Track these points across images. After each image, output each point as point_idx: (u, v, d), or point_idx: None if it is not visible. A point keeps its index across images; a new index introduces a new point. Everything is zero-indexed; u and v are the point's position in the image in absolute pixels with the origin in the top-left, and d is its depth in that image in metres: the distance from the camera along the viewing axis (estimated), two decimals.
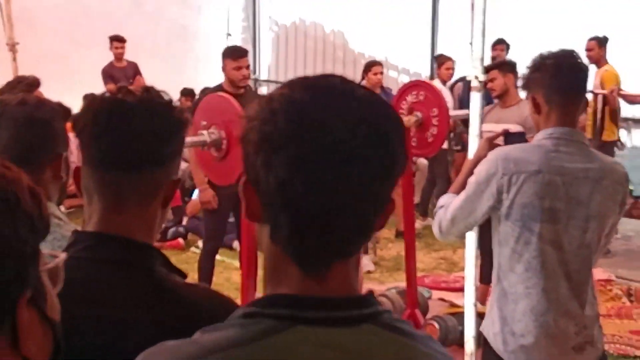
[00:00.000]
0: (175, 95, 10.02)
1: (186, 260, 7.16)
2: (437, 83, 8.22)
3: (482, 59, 3.68)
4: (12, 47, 6.30)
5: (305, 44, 12.29)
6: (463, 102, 7.87)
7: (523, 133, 3.33)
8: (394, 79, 10.14)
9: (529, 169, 2.61)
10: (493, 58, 8.90)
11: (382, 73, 7.68)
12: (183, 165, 8.64)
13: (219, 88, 5.46)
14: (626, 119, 8.43)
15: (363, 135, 1.01)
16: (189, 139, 5.39)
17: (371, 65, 7.73)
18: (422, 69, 10.85)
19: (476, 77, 3.68)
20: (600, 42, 7.84)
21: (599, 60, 7.80)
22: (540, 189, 2.60)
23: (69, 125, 3.76)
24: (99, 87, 9.70)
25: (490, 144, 2.99)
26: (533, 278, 2.65)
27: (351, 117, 1.02)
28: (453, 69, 8.59)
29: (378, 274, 6.86)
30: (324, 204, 1.01)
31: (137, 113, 1.49)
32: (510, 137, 3.04)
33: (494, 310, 2.77)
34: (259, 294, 1.51)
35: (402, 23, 10.87)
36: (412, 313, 4.80)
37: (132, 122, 1.48)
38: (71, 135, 1.71)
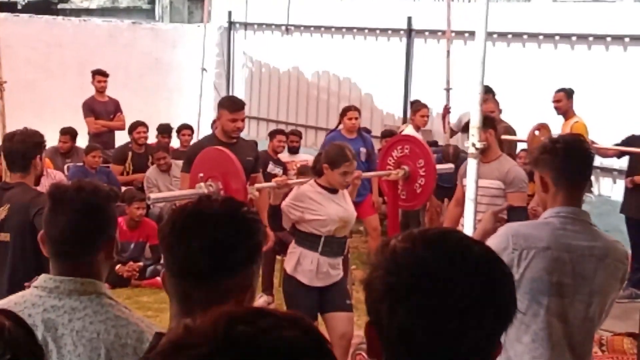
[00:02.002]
0: (149, 129, 10.08)
1: (164, 299, 7.17)
2: (409, 129, 8.40)
3: (479, 128, 3.85)
4: (0, 85, 6.30)
5: (279, 81, 12.43)
6: None
7: (525, 208, 3.50)
8: (367, 120, 10.31)
9: (538, 245, 2.78)
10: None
11: (357, 118, 7.81)
12: (162, 203, 8.69)
13: (212, 137, 5.58)
14: (594, 167, 8.71)
15: (480, 289, 1.15)
16: (188, 192, 5.50)
17: (347, 110, 7.87)
18: (395, 111, 11.05)
19: (473, 145, 3.86)
20: (567, 94, 8.07)
21: (567, 112, 8.01)
22: (549, 265, 2.76)
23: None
24: (69, 116, 9.76)
25: (495, 217, 3.15)
26: (540, 349, 2.80)
27: (469, 273, 1.15)
28: (428, 116, 8.76)
29: (356, 317, 6.91)
30: (444, 350, 1.14)
31: (206, 225, 1.58)
32: (513, 211, 3.20)
33: None
34: None
35: (376, 64, 11.07)
36: None
37: (200, 234, 1.57)
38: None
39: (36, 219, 3.47)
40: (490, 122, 5.95)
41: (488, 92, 8.81)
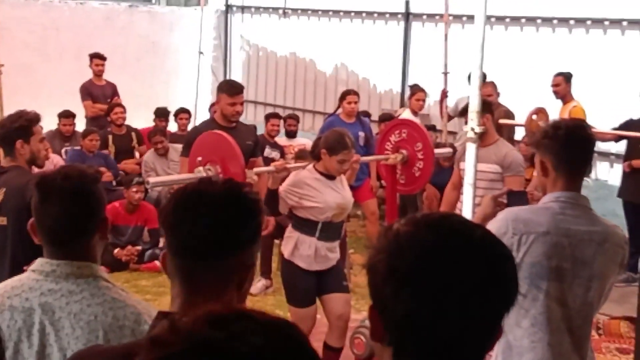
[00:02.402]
0: (146, 112, 10.06)
1: (162, 283, 7.20)
2: (407, 113, 8.40)
3: (478, 112, 3.85)
4: None
5: (276, 64, 12.40)
6: None
7: (524, 192, 3.51)
8: (365, 103, 10.29)
9: (537, 230, 2.79)
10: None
11: (356, 102, 7.81)
12: (160, 187, 8.69)
13: (211, 121, 5.57)
14: None
15: (482, 272, 1.16)
16: (187, 176, 5.50)
17: (346, 94, 7.87)
18: (393, 95, 11.03)
19: (472, 129, 3.86)
20: (566, 78, 8.08)
21: (565, 96, 8.04)
22: (548, 250, 2.78)
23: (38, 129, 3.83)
24: (66, 99, 9.73)
25: (495, 202, 3.16)
26: (539, 333, 2.82)
27: (472, 256, 1.17)
28: (424, 100, 8.76)
29: (354, 301, 6.92)
30: (448, 333, 1.16)
31: (209, 205, 1.60)
32: (512, 196, 3.21)
33: None
34: None
35: (374, 48, 11.05)
36: None
37: (204, 213, 1.59)
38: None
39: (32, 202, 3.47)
40: (488, 106, 5.95)
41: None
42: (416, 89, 8.82)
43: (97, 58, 9.86)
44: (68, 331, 1.96)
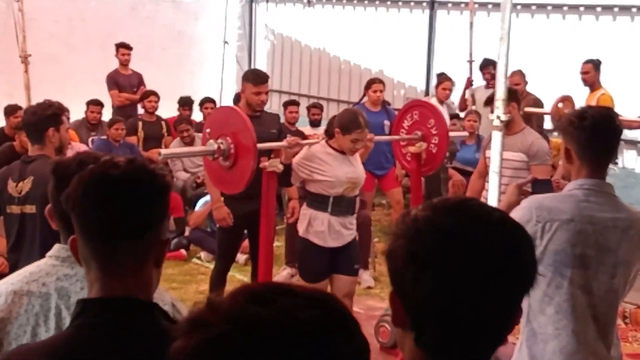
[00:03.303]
0: (171, 102, 10.11)
1: (188, 271, 7.26)
2: (434, 101, 8.38)
3: (504, 100, 3.83)
4: (25, 59, 6.37)
5: (301, 53, 12.40)
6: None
7: (549, 180, 3.49)
8: (390, 93, 10.27)
9: (561, 218, 2.78)
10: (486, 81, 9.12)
11: (382, 91, 7.80)
12: (184, 175, 8.74)
13: None
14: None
15: (502, 253, 1.17)
16: (198, 149, 5.51)
17: (371, 83, 7.86)
18: (418, 84, 11.00)
19: (498, 117, 3.85)
20: (595, 66, 8.02)
21: (594, 83, 7.98)
22: (572, 237, 2.77)
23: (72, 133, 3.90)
24: (92, 89, 9.79)
25: (519, 190, 3.15)
26: (563, 320, 2.82)
27: (491, 238, 1.18)
28: (450, 90, 8.73)
29: (378, 289, 6.99)
30: (469, 315, 1.17)
31: (123, 185, 1.61)
32: (537, 184, 3.19)
33: (523, 349, 2.93)
34: None
35: (399, 36, 11.01)
36: None
37: (120, 194, 1.60)
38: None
39: (49, 187, 3.52)
40: (514, 95, 5.91)
41: (489, 64, 8.77)
42: (443, 78, 8.79)
43: (123, 48, 9.91)
44: None
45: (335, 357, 0.88)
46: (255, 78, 5.40)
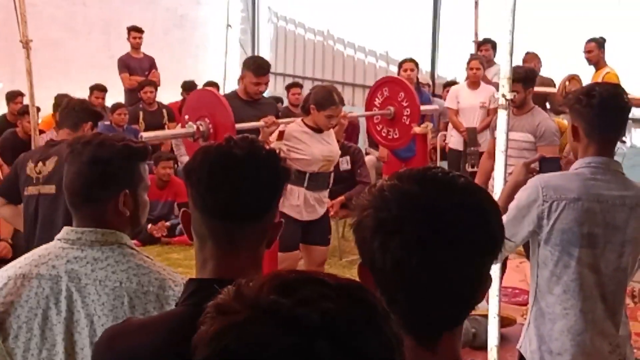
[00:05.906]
0: (175, 86, 10.08)
1: (194, 256, 7.23)
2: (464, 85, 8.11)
3: (509, 78, 3.77)
4: (26, 44, 6.30)
5: (304, 36, 12.33)
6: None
7: (558, 158, 3.44)
8: (394, 74, 10.19)
9: (568, 197, 2.74)
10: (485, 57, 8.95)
11: (412, 70, 7.61)
12: (185, 159, 8.72)
13: (234, 94, 5.59)
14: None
15: (468, 219, 1.16)
16: (178, 131, 5.51)
17: (402, 63, 7.78)
18: (423, 65, 10.92)
19: (503, 95, 3.79)
20: (599, 44, 7.93)
21: (598, 62, 7.89)
22: (579, 216, 2.73)
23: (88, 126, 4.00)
24: (94, 74, 9.77)
25: (527, 168, 3.11)
26: (571, 299, 2.78)
27: (457, 203, 1.17)
28: (479, 69, 8.06)
29: None
30: (437, 281, 1.16)
31: (248, 166, 1.60)
32: (545, 162, 3.15)
33: (531, 329, 2.90)
34: None
35: (403, 17, 10.93)
36: None
37: (245, 175, 1.59)
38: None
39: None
40: (532, 81, 5.72)
41: (487, 42, 8.62)
42: (471, 58, 8.40)
43: (134, 31, 9.91)
44: (94, 297, 1.99)
45: (358, 351, 0.84)
46: (256, 69, 5.40)
